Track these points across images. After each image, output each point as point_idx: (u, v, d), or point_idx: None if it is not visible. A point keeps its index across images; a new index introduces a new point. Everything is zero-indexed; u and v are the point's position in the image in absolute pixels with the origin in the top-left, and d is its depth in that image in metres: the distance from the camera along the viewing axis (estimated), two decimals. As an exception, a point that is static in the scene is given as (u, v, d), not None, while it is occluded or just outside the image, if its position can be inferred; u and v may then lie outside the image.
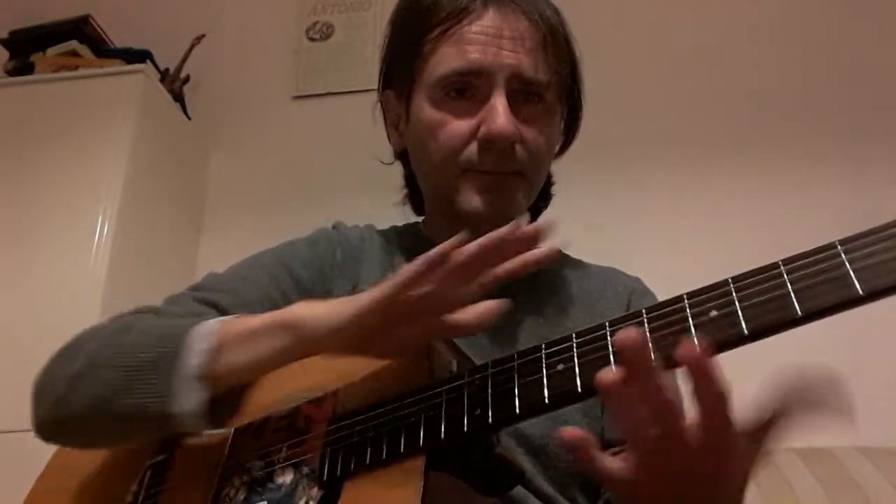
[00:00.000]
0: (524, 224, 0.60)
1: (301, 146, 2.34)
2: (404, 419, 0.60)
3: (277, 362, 0.66)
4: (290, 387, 0.71)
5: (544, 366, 0.56)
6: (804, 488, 1.28)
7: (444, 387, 0.60)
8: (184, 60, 2.28)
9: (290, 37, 2.46)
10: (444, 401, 0.59)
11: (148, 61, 2.22)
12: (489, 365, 0.59)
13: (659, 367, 0.49)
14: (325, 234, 0.94)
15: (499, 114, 0.81)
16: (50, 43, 2.23)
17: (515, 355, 0.59)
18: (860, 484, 1.28)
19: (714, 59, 2.21)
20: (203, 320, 0.69)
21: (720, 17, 2.25)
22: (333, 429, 0.64)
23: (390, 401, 0.62)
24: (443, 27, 0.85)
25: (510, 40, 0.83)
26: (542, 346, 0.58)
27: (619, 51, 2.17)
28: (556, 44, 0.87)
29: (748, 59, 2.19)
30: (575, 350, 0.55)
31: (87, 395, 0.69)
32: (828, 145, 2.07)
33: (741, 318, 0.49)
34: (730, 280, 0.51)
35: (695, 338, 0.51)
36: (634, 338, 0.49)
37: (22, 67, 2.22)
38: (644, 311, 0.54)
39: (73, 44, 2.22)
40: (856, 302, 0.46)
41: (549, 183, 0.96)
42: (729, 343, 0.49)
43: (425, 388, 0.61)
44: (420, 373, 0.63)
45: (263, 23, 2.50)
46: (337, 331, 0.62)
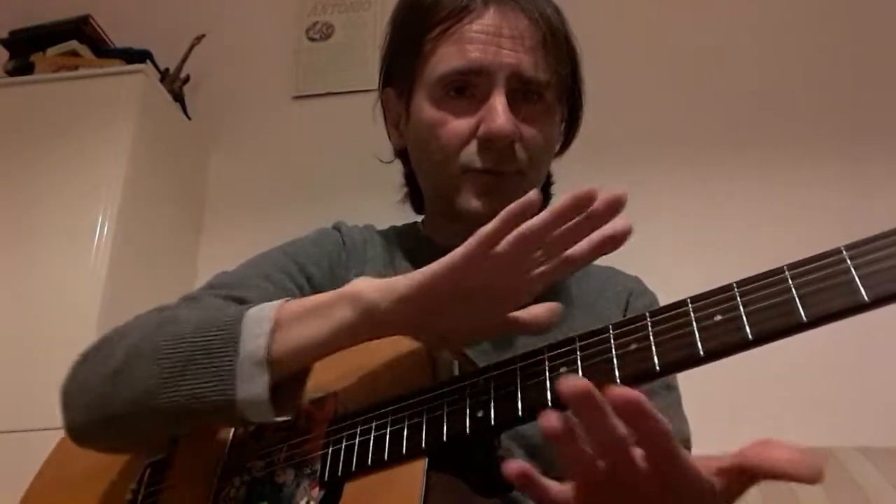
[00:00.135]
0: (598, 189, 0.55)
1: (301, 146, 2.34)
2: (406, 420, 0.60)
3: (340, 340, 0.63)
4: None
5: (547, 368, 0.56)
6: (804, 488, 1.27)
7: (446, 388, 0.60)
8: (184, 60, 2.28)
9: (290, 37, 2.46)
10: (445, 402, 0.59)
11: (148, 61, 2.22)
12: (491, 367, 0.59)
13: (607, 404, 0.46)
14: (329, 234, 0.94)
15: (498, 113, 0.81)
16: (50, 43, 2.23)
17: (517, 358, 0.58)
18: (860, 484, 1.27)
19: (714, 59, 2.21)
20: (252, 305, 0.66)
21: (720, 16, 2.25)
22: (335, 429, 0.64)
23: (392, 401, 0.62)
24: (443, 26, 0.85)
25: (510, 39, 0.83)
26: (545, 348, 0.58)
27: (619, 51, 2.17)
28: (557, 43, 0.86)
29: (748, 59, 2.19)
30: (578, 353, 0.55)
31: (131, 390, 0.65)
32: (828, 145, 2.07)
33: (745, 322, 0.49)
34: (734, 285, 0.51)
35: (618, 379, 0.50)
36: (578, 388, 0.46)
37: (22, 67, 2.22)
38: (648, 315, 0.54)
39: (73, 44, 2.22)
40: (861, 308, 0.45)
41: (549, 182, 0.96)
42: (733, 348, 0.49)
43: (427, 389, 0.61)
44: (422, 374, 0.63)
45: (263, 23, 2.50)
46: (400, 301, 0.60)
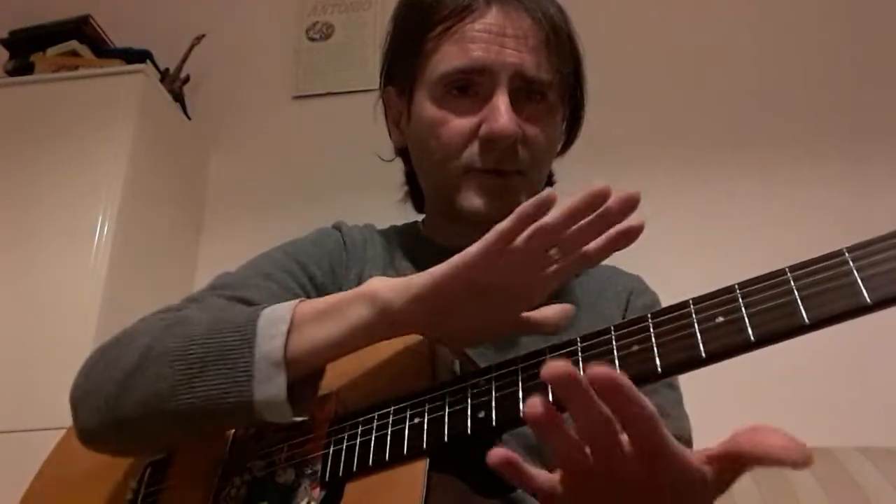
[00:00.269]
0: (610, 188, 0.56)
1: (301, 146, 2.34)
2: (407, 420, 0.60)
3: (356, 340, 0.63)
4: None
5: (548, 369, 0.56)
6: (804, 488, 1.27)
7: (448, 389, 0.60)
8: (184, 60, 2.28)
9: (290, 37, 2.46)
10: (447, 403, 0.59)
11: (148, 61, 2.22)
12: (493, 368, 0.59)
13: (591, 388, 0.45)
14: (330, 233, 0.94)
15: (501, 113, 0.81)
16: (50, 43, 2.22)
17: (519, 358, 0.58)
18: (860, 484, 1.27)
19: (714, 59, 2.21)
20: (267, 305, 0.66)
21: (720, 16, 2.25)
22: (336, 429, 0.64)
23: (393, 402, 0.62)
24: (445, 25, 0.85)
25: (513, 39, 0.83)
26: (547, 349, 0.57)
27: (619, 50, 2.17)
28: (559, 42, 0.86)
29: (748, 59, 2.19)
30: (580, 354, 0.55)
31: (143, 392, 0.65)
32: (828, 145, 2.07)
33: (747, 324, 0.49)
34: (736, 286, 0.51)
35: (615, 363, 0.49)
36: (560, 370, 0.45)
37: (22, 67, 2.21)
38: (650, 317, 0.53)
39: (73, 44, 2.21)
40: (864, 310, 0.45)
41: (550, 182, 0.96)
42: (735, 349, 0.49)
43: (428, 389, 0.61)
44: (423, 374, 0.63)
45: (263, 23, 2.50)
46: (415, 300, 0.60)
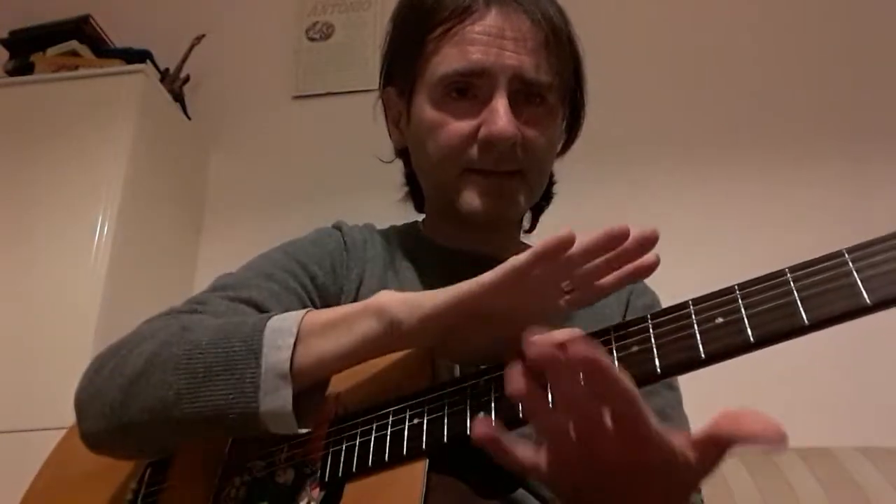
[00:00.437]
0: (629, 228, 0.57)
1: (301, 146, 2.34)
2: (407, 421, 0.60)
3: (362, 353, 0.63)
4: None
5: (548, 369, 0.56)
6: (804, 488, 1.28)
7: (447, 389, 0.60)
8: (184, 60, 2.28)
9: (290, 37, 2.46)
10: (446, 403, 0.59)
11: (148, 61, 2.22)
12: (492, 369, 0.59)
13: (572, 369, 0.46)
14: (331, 233, 0.93)
15: (500, 115, 0.81)
16: (50, 43, 2.22)
17: None
18: (860, 484, 1.27)
19: (714, 59, 2.21)
20: (274, 314, 0.66)
21: (721, 16, 2.25)
22: (336, 430, 0.64)
23: (393, 403, 0.62)
24: (445, 26, 0.84)
25: (512, 41, 0.82)
26: None
27: (619, 50, 2.17)
28: (559, 44, 0.86)
29: (749, 59, 2.19)
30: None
31: (150, 399, 0.65)
32: (828, 145, 2.07)
33: (747, 325, 0.49)
34: (736, 287, 0.51)
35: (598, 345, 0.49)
36: (541, 344, 0.46)
37: (22, 67, 2.21)
38: (649, 317, 0.54)
39: (73, 44, 2.21)
40: (863, 311, 0.45)
41: (550, 182, 0.96)
42: (735, 350, 0.49)
43: (428, 390, 0.61)
44: (423, 375, 0.63)
45: (263, 23, 2.50)
46: (424, 318, 0.60)
